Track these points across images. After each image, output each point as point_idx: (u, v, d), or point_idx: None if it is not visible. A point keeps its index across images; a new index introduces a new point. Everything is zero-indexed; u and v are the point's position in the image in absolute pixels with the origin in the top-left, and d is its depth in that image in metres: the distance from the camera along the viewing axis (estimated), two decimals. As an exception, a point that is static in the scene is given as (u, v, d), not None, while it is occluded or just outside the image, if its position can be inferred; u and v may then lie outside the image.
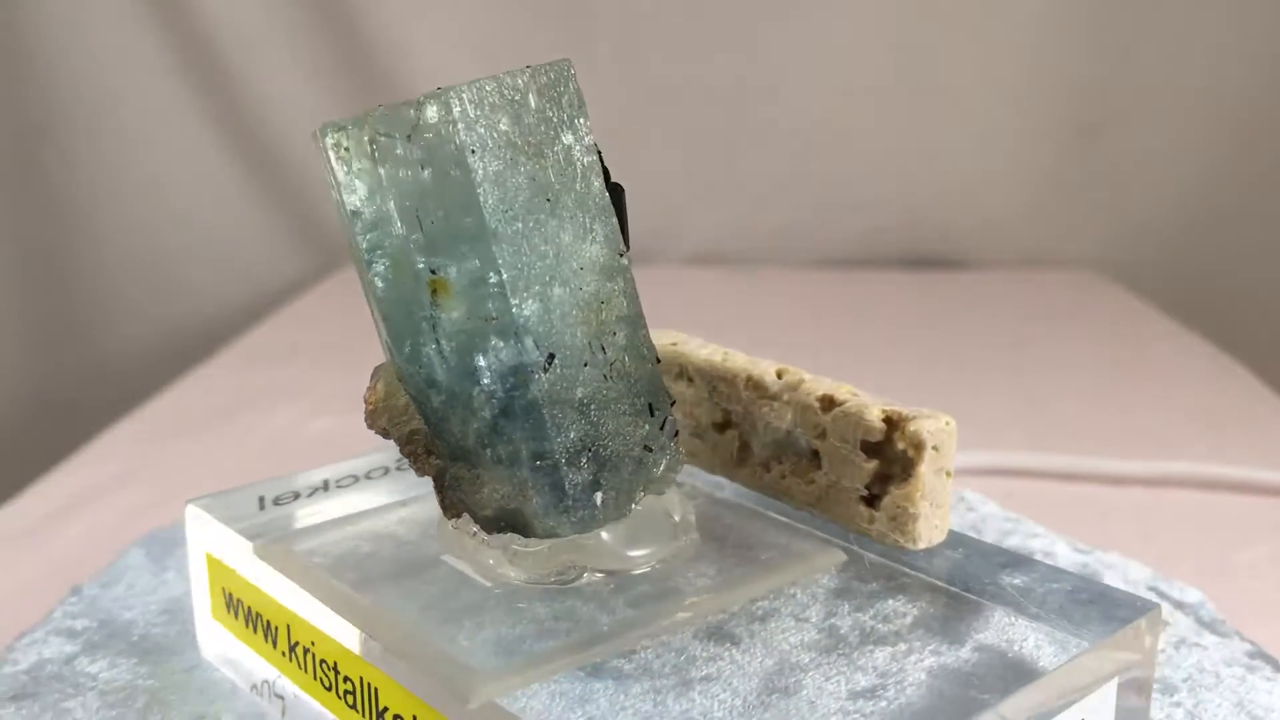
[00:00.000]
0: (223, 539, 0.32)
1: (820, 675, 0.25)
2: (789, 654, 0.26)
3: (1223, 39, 0.93)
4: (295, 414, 0.60)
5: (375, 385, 0.29)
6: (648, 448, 0.28)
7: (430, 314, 0.27)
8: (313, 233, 0.98)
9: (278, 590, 0.30)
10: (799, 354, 0.38)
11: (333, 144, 0.27)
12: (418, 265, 0.26)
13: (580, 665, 0.26)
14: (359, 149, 0.27)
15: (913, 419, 0.28)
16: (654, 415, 0.28)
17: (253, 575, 0.31)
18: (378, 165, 0.26)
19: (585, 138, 0.27)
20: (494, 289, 0.26)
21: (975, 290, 0.91)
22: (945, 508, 0.29)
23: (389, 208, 0.27)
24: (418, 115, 0.26)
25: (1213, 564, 0.42)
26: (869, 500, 0.29)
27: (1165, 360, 0.71)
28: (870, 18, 0.93)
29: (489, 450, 0.27)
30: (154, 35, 0.92)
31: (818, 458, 0.30)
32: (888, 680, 0.25)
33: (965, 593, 0.28)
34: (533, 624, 0.27)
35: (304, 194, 0.97)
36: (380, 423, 0.28)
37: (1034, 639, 0.26)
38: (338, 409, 0.60)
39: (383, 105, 0.26)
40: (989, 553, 0.30)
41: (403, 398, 0.28)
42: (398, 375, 0.28)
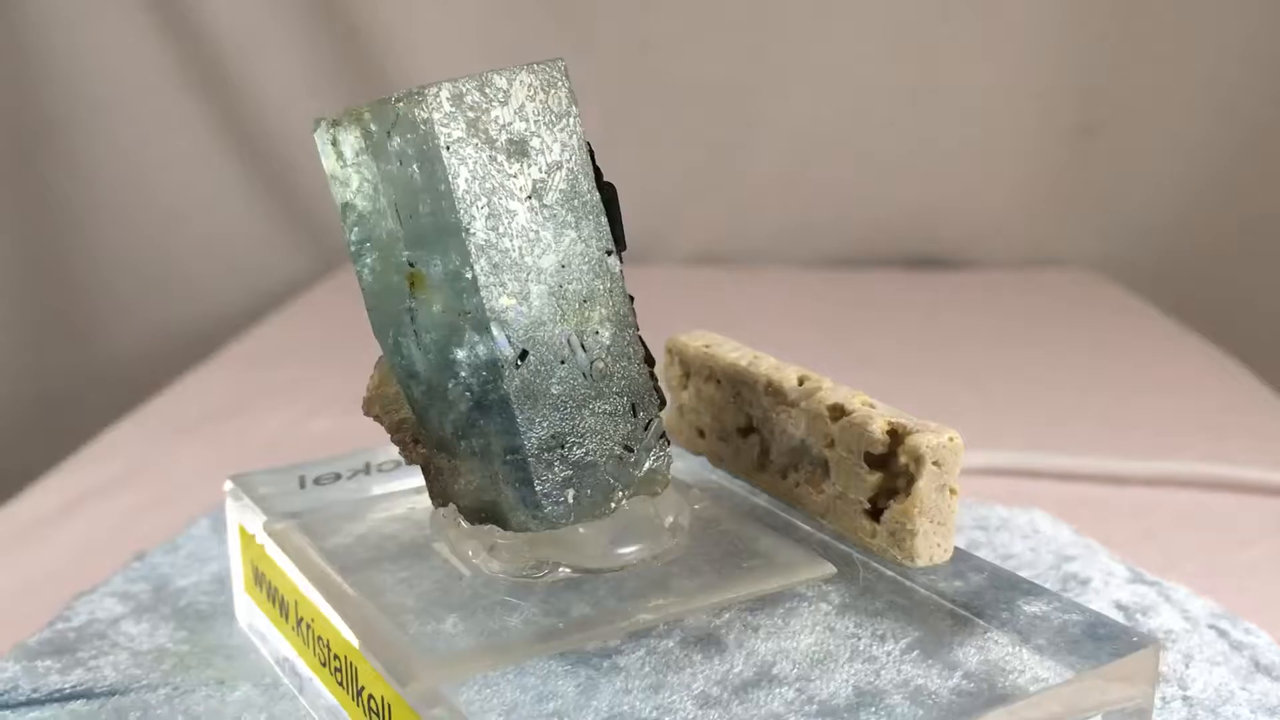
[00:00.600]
0: (251, 515, 0.34)
1: (789, 689, 0.25)
2: (760, 663, 0.26)
3: (1223, 39, 0.93)
4: (295, 414, 0.60)
5: (374, 374, 0.29)
6: (628, 447, 0.28)
7: (410, 306, 0.27)
8: (313, 233, 0.98)
9: (285, 567, 0.31)
10: (799, 354, 0.38)
11: (326, 138, 0.27)
12: (399, 259, 0.27)
13: (527, 659, 0.26)
14: (349, 143, 0.27)
15: (915, 432, 0.28)
16: (637, 415, 0.28)
17: (270, 551, 0.32)
18: (366, 159, 0.27)
19: (573, 138, 0.28)
20: (467, 284, 0.26)
21: (975, 290, 0.91)
22: (949, 526, 0.28)
23: (377, 201, 0.27)
24: (396, 111, 0.26)
25: (1213, 564, 0.42)
26: (873, 513, 0.29)
27: (1165, 360, 0.71)
28: (870, 18, 0.93)
29: (464, 442, 0.28)
30: (153, 35, 0.92)
31: (828, 467, 0.30)
32: (860, 696, 0.25)
33: (972, 616, 0.28)
34: (494, 616, 0.28)
35: (304, 194, 0.97)
36: (373, 410, 0.29)
37: (1024, 666, 0.25)
38: (338, 409, 0.60)
39: (370, 101, 0.27)
40: (1008, 580, 0.29)
41: (394, 387, 0.29)
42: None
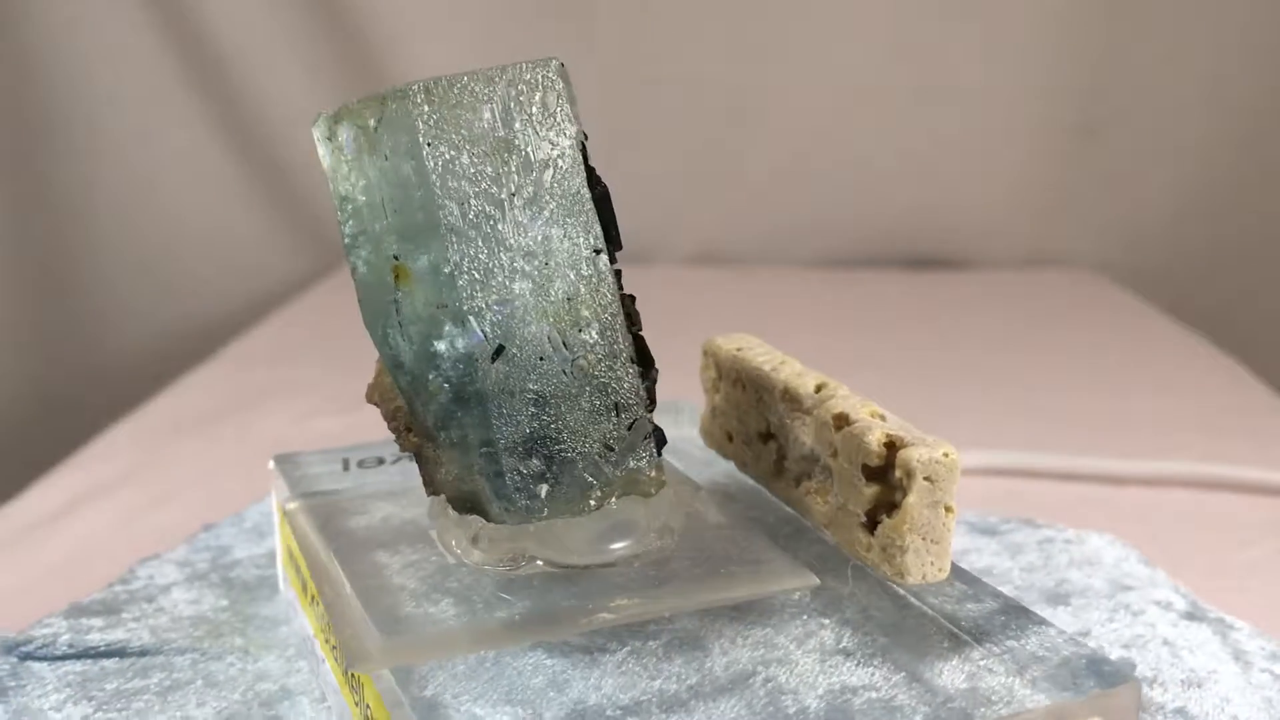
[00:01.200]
0: (285, 493, 0.35)
1: (732, 697, 0.26)
2: (723, 671, 0.27)
3: (1223, 39, 0.93)
4: (295, 414, 0.60)
5: (377, 362, 0.30)
6: (609, 446, 0.28)
7: (395, 299, 0.28)
8: (313, 233, 0.98)
9: (292, 545, 0.33)
10: (798, 354, 0.38)
11: (324, 133, 0.28)
12: (387, 252, 0.27)
13: (479, 649, 0.27)
14: (345, 138, 0.28)
15: (909, 446, 0.27)
16: (619, 415, 0.28)
17: (286, 529, 0.34)
18: (360, 154, 0.28)
19: (563, 137, 0.28)
20: (445, 278, 0.27)
21: (975, 290, 0.91)
22: (944, 544, 0.27)
23: (370, 195, 0.28)
24: (381, 106, 0.27)
25: (1213, 564, 0.42)
26: (869, 526, 0.28)
27: (1165, 360, 0.71)
28: (870, 17, 0.93)
29: (443, 433, 0.28)
30: (153, 35, 0.92)
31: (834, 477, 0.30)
32: (829, 711, 0.25)
33: (971, 641, 0.28)
34: (459, 604, 0.28)
35: (304, 194, 0.97)
36: (373, 398, 0.30)
37: (1001, 696, 0.25)
38: (338, 409, 0.60)
39: (362, 97, 0.27)
40: (1016, 609, 0.29)
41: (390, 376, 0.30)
42: None
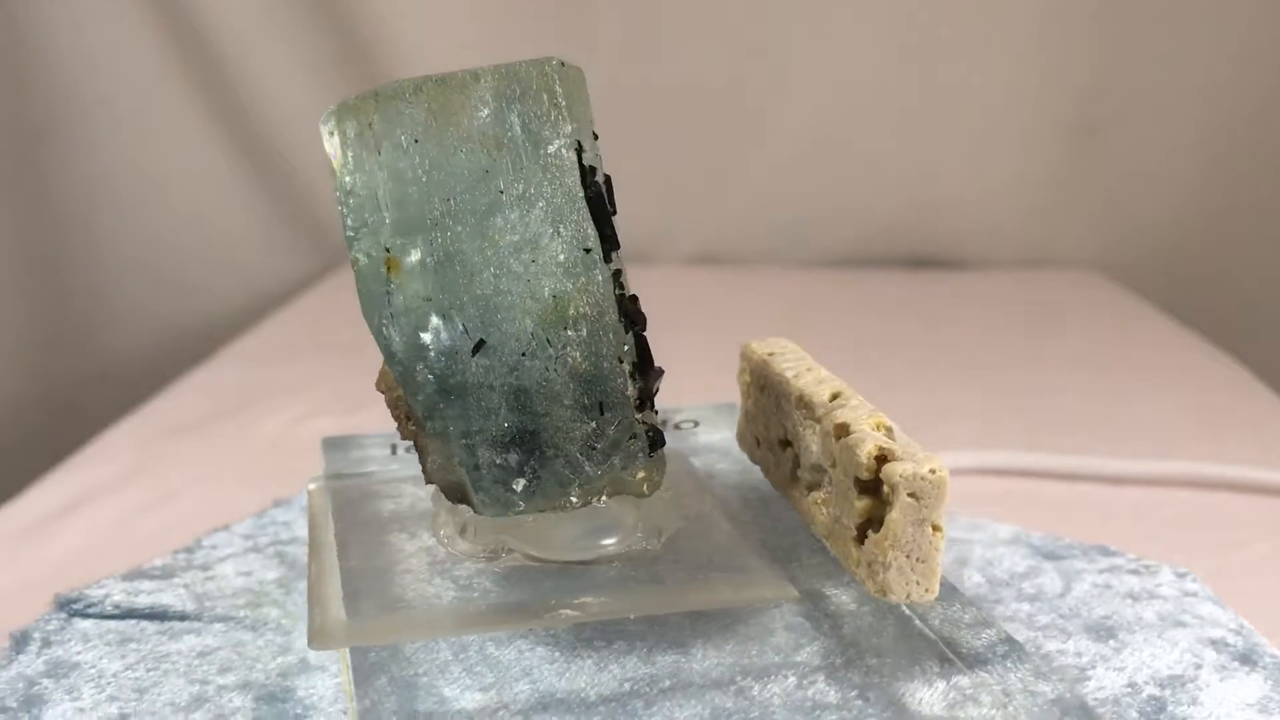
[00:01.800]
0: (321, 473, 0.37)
1: (698, 704, 0.26)
2: (687, 673, 0.27)
3: (1223, 39, 0.93)
4: (295, 414, 0.60)
5: None
6: (591, 445, 0.29)
7: (388, 290, 0.28)
8: (313, 233, 0.98)
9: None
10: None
11: (329, 128, 0.28)
12: (382, 244, 0.28)
13: (432, 636, 0.28)
14: (348, 132, 0.28)
15: (897, 460, 0.26)
16: (604, 414, 0.28)
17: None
18: (360, 149, 0.28)
19: (559, 136, 0.28)
20: (431, 272, 0.28)
21: (975, 290, 0.91)
22: (931, 564, 0.26)
23: (369, 189, 0.28)
24: (376, 102, 0.28)
25: (1212, 564, 0.42)
26: (860, 541, 0.28)
27: (1165, 360, 0.71)
28: (870, 18, 0.93)
29: (429, 423, 0.29)
30: (153, 35, 0.92)
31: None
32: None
33: (961, 669, 0.27)
34: (442, 591, 0.29)
35: (304, 194, 0.97)
36: (380, 386, 0.31)
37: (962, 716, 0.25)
38: (338, 409, 0.60)
39: (362, 93, 0.28)
40: (1019, 653, 0.29)
41: None
42: None
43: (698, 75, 0.95)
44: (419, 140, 0.27)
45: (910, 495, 0.26)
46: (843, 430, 0.28)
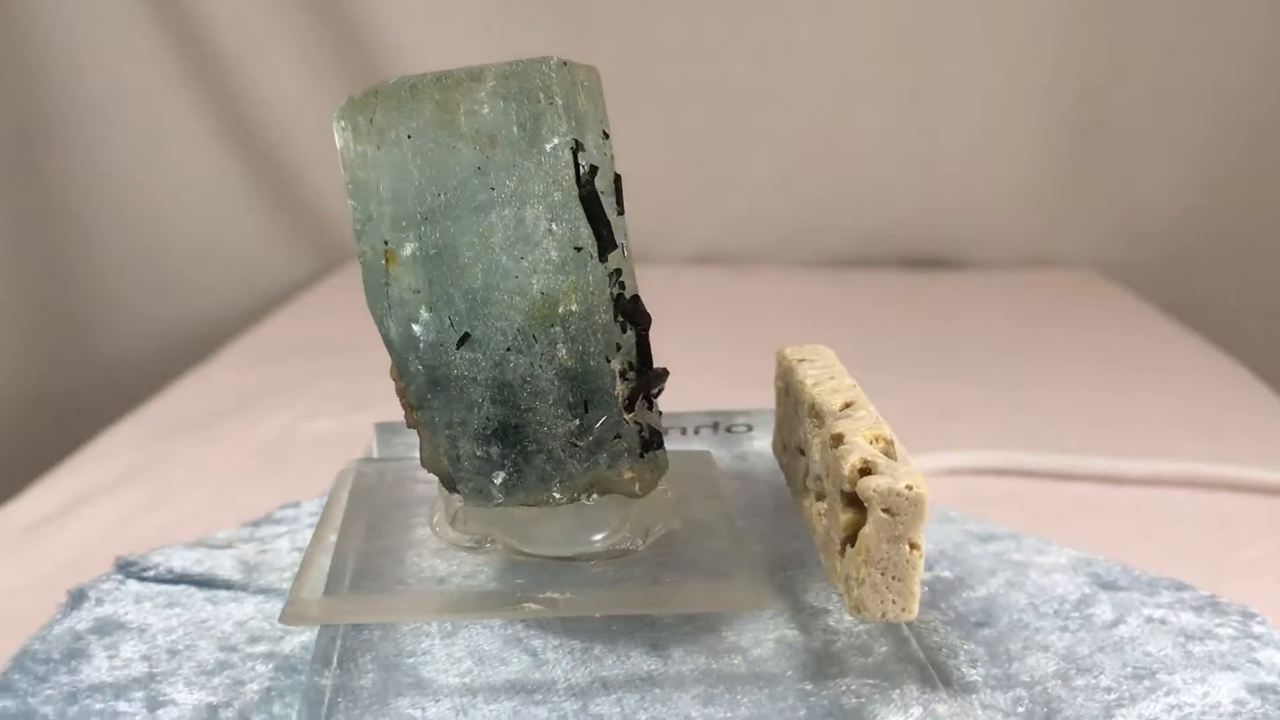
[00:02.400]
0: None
1: (656, 703, 0.26)
2: (659, 673, 0.27)
3: (1223, 39, 0.93)
4: (295, 414, 0.60)
5: None
6: (573, 442, 0.29)
7: (386, 282, 0.29)
8: (313, 233, 0.98)
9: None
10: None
11: (339, 123, 0.29)
12: (383, 237, 0.29)
13: (390, 620, 0.30)
14: (356, 128, 0.29)
15: (875, 474, 0.25)
16: (588, 413, 0.29)
17: None
18: (364, 144, 0.29)
19: (555, 135, 0.28)
20: (422, 265, 0.28)
21: (975, 290, 0.91)
22: (908, 583, 0.25)
23: (372, 183, 0.29)
24: (377, 99, 0.28)
25: (1212, 564, 0.42)
26: (844, 554, 0.27)
27: (1165, 360, 0.71)
28: (870, 18, 0.93)
29: (420, 413, 0.30)
30: (154, 35, 0.92)
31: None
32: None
33: (939, 686, 0.27)
34: (409, 575, 0.31)
35: (304, 194, 0.97)
36: (392, 374, 0.31)
37: None
38: (338, 409, 0.60)
39: (366, 89, 0.28)
40: (1009, 673, 0.28)
41: None
42: None
43: (698, 75, 0.95)
44: (412, 136, 0.28)
45: (885, 511, 0.25)
46: (837, 441, 0.28)
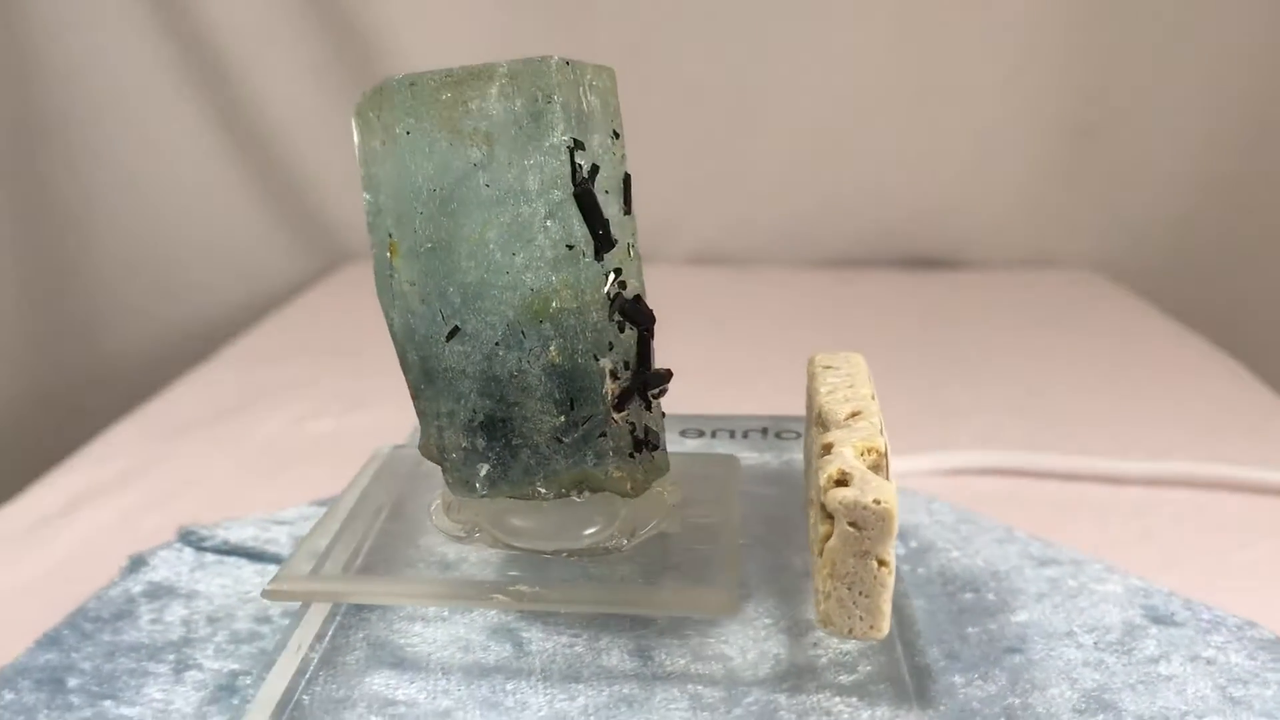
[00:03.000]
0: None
1: (598, 693, 0.27)
2: (636, 672, 0.28)
3: (1222, 39, 0.93)
4: (295, 414, 0.60)
5: None
6: (558, 439, 0.29)
7: (391, 274, 0.30)
8: (313, 233, 0.98)
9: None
10: (799, 354, 0.38)
11: (356, 119, 0.30)
12: (386, 230, 0.29)
13: (360, 601, 0.31)
14: (370, 123, 0.30)
15: (845, 485, 0.25)
16: (573, 410, 0.29)
17: None
18: (372, 139, 0.29)
19: (552, 135, 0.28)
20: (418, 258, 0.29)
21: (975, 290, 0.91)
22: (876, 600, 0.25)
23: (380, 177, 0.29)
24: (380, 97, 0.29)
25: (1212, 564, 0.42)
26: None
27: (1165, 360, 0.71)
28: (870, 18, 0.93)
29: (416, 401, 0.30)
30: (153, 35, 0.92)
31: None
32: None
33: (913, 702, 0.26)
34: (397, 559, 0.32)
35: (304, 194, 0.97)
36: None
37: None
38: (338, 409, 0.60)
39: (374, 85, 0.29)
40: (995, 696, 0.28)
41: None
42: None
43: (698, 75, 0.95)
44: (410, 133, 0.28)
45: (851, 525, 0.24)
46: (825, 450, 0.27)
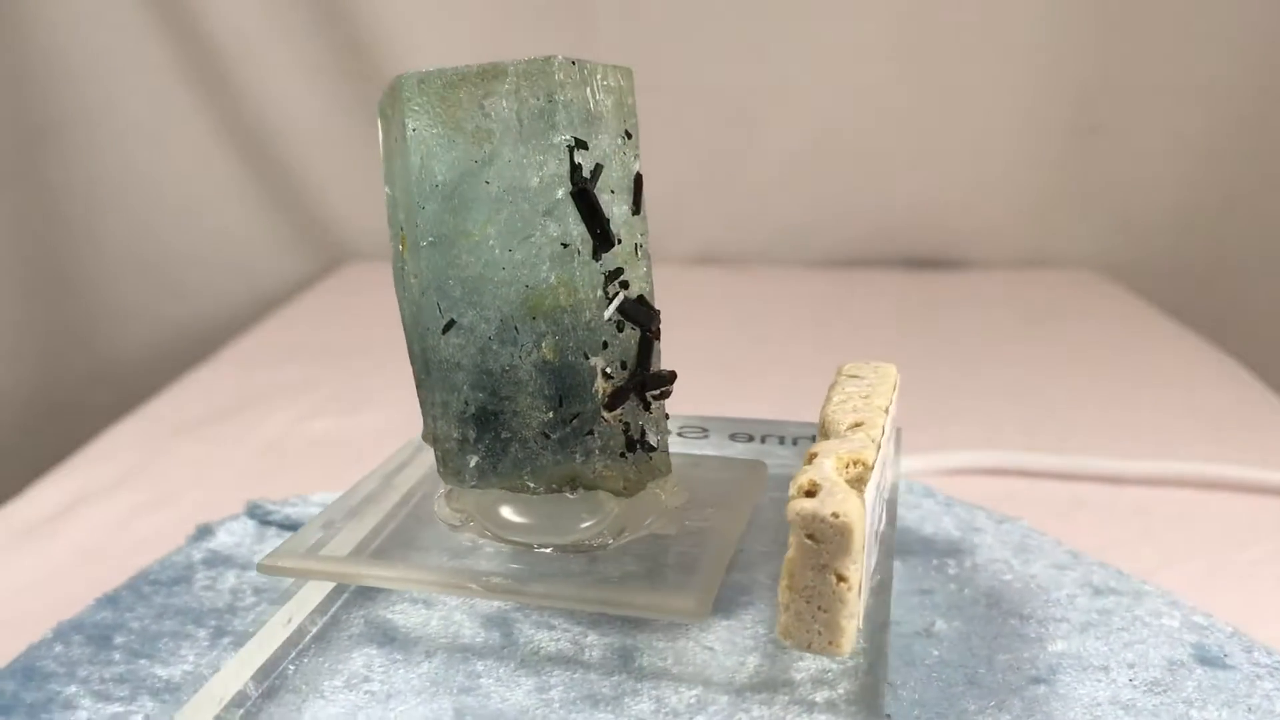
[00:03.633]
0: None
1: (568, 686, 0.27)
2: (616, 667, 0.28)
3: (1223, 39, 0.93)
4: (295, 414, 0.60)
5: None
6: (546, 434, 0.29)
7: (402, 266, 0.30)
8: (313, 233, 0.98)
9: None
10: (799, 354, 0.38)
11: (379, 114, 0.30)
12: (399, 224, 0.30)
13: (346, 582, 0.32)
14: (386, 118, 0.30)
15: (811, 495, 0.24)
16: (561, 407, 0.29)
17: None
18: (386, 134, 0.30)
19: (554, 134, 0.28)
20: (420, 252, 0.29)
21: (975, 290, 0.91)
22: (835, 616, 0.24)
23: (394, 172, 0.30)
24: (393, 93, 0.29)
25: (1212, 564, 0.42)
26: None
27: (1165, 360, 0.71)
28: (871, 18, 0.93)
29: (419, 391, 0.31)
30: (154, 36, 0.92)
31: None
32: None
33: None
34: (427, 544, 0.32)
35: (304, 194, 0.97)
36: None
37: None
38: (338, 409, 0.60)
39: (391, 81, 0.30)
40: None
41: None
42: None
43: (698, 75, 0.95)
44: (418, 129, 0.29)
45: (809, 537, 0.24)
46: (809, 459, 0.27)
